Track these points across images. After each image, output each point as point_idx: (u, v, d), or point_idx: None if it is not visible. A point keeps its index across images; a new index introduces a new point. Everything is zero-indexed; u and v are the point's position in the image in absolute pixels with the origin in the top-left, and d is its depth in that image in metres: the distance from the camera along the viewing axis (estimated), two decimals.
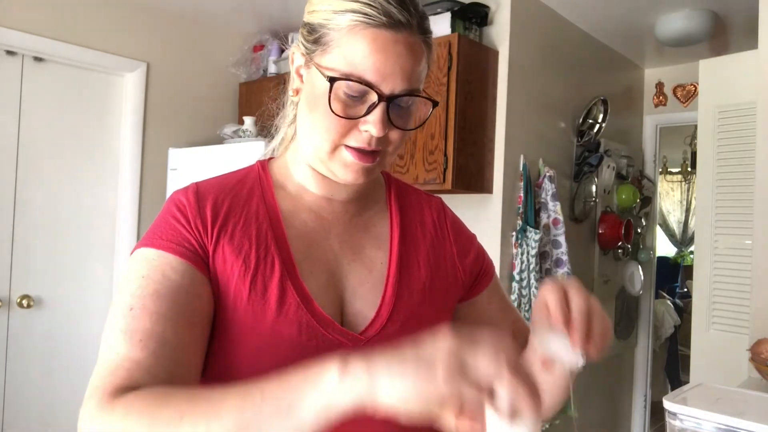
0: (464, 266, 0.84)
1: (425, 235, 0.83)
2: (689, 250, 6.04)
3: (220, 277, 0.69)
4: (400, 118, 0.70)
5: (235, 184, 0.77)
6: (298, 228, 0.76)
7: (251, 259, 0.70)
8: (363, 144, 0.69)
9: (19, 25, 2.46)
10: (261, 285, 0.69)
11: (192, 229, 0.70)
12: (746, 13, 2.74)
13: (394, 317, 0.73)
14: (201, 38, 3.07)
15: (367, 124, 0.67)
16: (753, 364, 1.71)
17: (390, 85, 0.66)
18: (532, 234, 2.51)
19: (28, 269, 2.54)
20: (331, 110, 0.67)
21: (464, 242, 0.86)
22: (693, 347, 2.87)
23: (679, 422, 0.94)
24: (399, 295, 0.75)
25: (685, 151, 5.72)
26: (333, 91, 0.66)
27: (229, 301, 0.68)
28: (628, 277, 3.52)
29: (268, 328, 0.67)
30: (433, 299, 0.78)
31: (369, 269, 0.77)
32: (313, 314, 0.69)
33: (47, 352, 2.52)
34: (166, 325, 0.63)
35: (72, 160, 2.69)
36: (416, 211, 0.85)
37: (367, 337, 0.71)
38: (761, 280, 2.02)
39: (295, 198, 0.78)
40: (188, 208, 0.71)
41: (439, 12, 2.47)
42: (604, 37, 3.23)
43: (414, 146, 2.47)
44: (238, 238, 0.71)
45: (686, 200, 6.17)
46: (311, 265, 0.73)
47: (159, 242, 0.68)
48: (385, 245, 0.79)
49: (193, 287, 0.67)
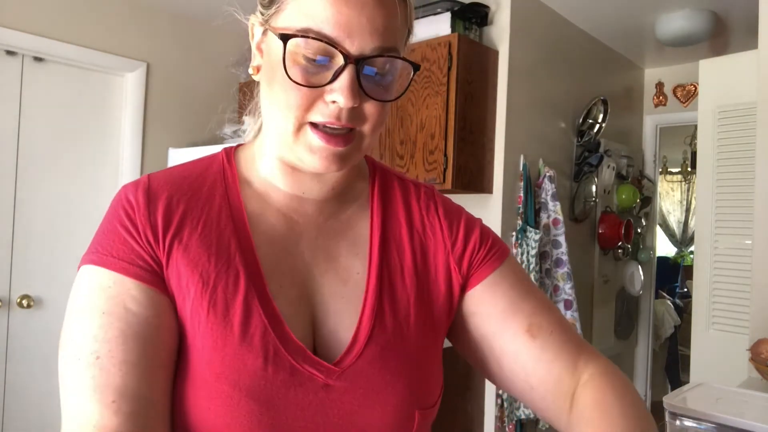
0: (461, 261, 0.69)
1: (412, 235, 0.69)
2: (689, 250, 6.04)
3: (176, 295, 0.59)
4: (375, 87, 0.58)
5: (195, 179, 0.65)
6: (267, 233, 0.64)
7: (210, 273, 0.59)
8: (331, 118, 0.56)
9: (19, 25, 2.46)
10: (222, 304, 0.58)
11: (142, 241, 0.59)
12: (746, 13, 2.74)
13: (374, 341, 0.61)
14: (201, 38, 3.07)
15: (333, 93, 0.55)
16: (753, 364, 1.71)
17: (357, 43, 0.55)
18: (532, 234, 2.51)
19: (28, 269, 2.54)
20: (288, 77, 0.55)
21: (461, 231, 0.70)
22: (693, 347, 2.87)
23: (679, 422, 0.94)
24: (379, 313, 0.62)
25: (685, 151, 5.73)
26: (288, 52, 0.55)
27: (186, 324, 0.58)
28: (628, 277, 3.52)
29: (230, 356, 0.56)
30: (421, 314, 0.65)
31: (344, 281, 0.64)
32: (282, 340, 0.58)
33: (47, 352, 2.53)
34: (140, 378, 0.55)
35: (72, 160, 2.69)
36: (401, 205, 0.71)
37: (342, 367, 0.59)
38: (761, 280, 2.02)
39: (262, 196, 0.66)
40: (137, 213, 0.60)
41: (439, 12, 2.47)
42: (604, 37, 3.23)
43: (414, 146, 2.47)
44: (194, 248, 0.60)
45: (686, 200, 6.18)
46: (281, 278, 0.62)
47: (111, 261, 0.58)
48: (363, 251, 0.66)
49: (159, 318, 0.57)
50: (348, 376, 0.59)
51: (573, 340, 0.67)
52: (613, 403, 0.61)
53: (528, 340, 0.65)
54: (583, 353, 0.66)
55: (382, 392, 0.59)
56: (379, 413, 0.59)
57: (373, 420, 0.59)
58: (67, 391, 0.56)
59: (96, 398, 0.54)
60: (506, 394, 2.45)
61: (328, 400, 0.58)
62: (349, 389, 0.59)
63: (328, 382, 0.58)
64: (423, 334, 0.64)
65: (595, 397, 0.62)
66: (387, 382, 0.60)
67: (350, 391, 0.59)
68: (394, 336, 0.62)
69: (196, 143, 3.02)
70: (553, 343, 0.66)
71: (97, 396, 0.54)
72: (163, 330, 0.58)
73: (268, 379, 0.57)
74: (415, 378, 0.62)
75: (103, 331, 0.56)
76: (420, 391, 0.62)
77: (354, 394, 0.59)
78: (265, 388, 0.56)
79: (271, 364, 0.57)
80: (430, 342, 0.65)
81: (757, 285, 2.03)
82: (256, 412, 0.56)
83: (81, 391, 0.54)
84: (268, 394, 0.56)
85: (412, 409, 0.61)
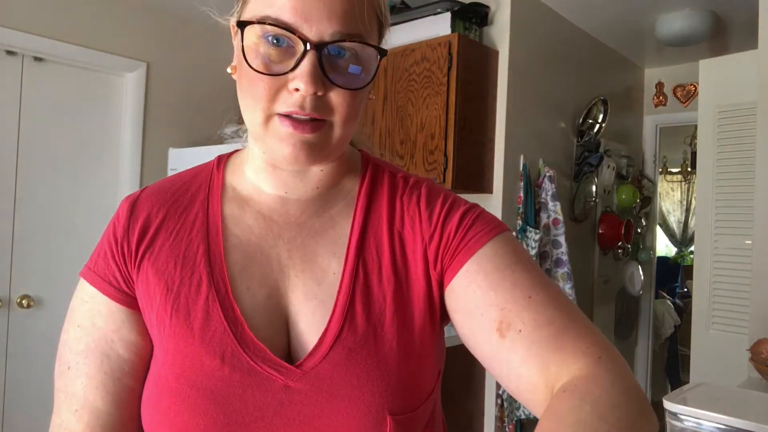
0: (437, 254, 0.63)
1: (392, 232, 0.65)
2: (689, 250, 6.04)
3: (145, 304, 0.62)
4: (340, 75, 0.56)
5: (180, 186, 0.68)
6: (240, 236, 0.64)
7: (175, 279, 0.61)
8: (295, 107, 0.55)
9: (19, 25, 2.46)
10: (184, 308, 0.60)
11: (118, 256, 0.63)
12: (746, 13, 2.74)
13: (340, 343, 0.59)
14: (201, 38, 3.07)
15: (295, 80, 0.55)
16: (753, 364, 1.71)
17: (315, 28, 0.54)
18: (532, 234, 2.51)
19: (28, 269, 2.54)
20: (249, 66, 0.55)
21: (440, 219, 0.64)
22: (693, 347, 2.87)
23: (679, 422, 0.94)
24: (350, 314, 0.60)
25: (685, 151, 5.73)
26: (249, 42, 0.56)
27: (153, 331, 0.62)
28: (628, 277, 3.52)
29: (190, 357, 0.58)
30: (399, 315, 0.61)
31: (318, 281, 0.62)
32: (240, 341, 0.58)
33: (47, 352, 2.52)
34: (96, 392, 0.62)
35: (72, 160, 2.69)
36: (386, 202, 0.67)
37: (304, 369, 0.58)
38: (761, 280, 2.02)
39: (244, 200, 0.66)
40: (119, 227, 0.65)
41: (439, 12, 2.47)
42: (604, 37, 3.24)
43: (414, 146, 2.47)
44: (164, 257, 0.63)
45: (686, 200, 6.18)
46: (249, 280, 0.62)
47: (92, 275, 0.64)
48: (341, 251, 0.64)
49: (119, 333, 0.62)
50: (310, 378, 0.58)
51: (548, 336, 0.55)
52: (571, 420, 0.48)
53: (498, 340, 0.57)
54: (558, 353, 0.54)
55: (346, 396, 0.57)
56: (344, 417, 0.57)
57: (338, 424, 0.57)
58: (54, 389, 0.64)
59: (66, 404, 0.62)
60: (506, 394, 2.45)
61: (288, 402, 0.57)
62: (311, 391, 0.57)
63: (288, 383, 0.58)
64: (400, 336, 0.60)
65: (554, 411, 0.50)
66: (353, 386, 0.58)
67: (312, 394, 0.57)
68: (366, 337, 0.60)
69: (196, 143, 3.02)
70: (521, 344, 0.56)
71: (67, 402, 0.62)
72: (121, 345, 0.62)
73: (224, 379, 0.57)
74: (388, 381, 0.58)
75: (75, 343, 0.63)
76: (394, 396, 0.58)
77: (317, 397, 0.57)
78: (222, 387, 0.57)
79: (227, 365, 0.58)
80: (410, 343, 0.61)
81: (757, 285, 2.03)
82: (213, 412, 0.57)
83: (59, 394, 0.63)
84: (225, 394, 0.57)
85: (383, 413, 0.57)
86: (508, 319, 0.57)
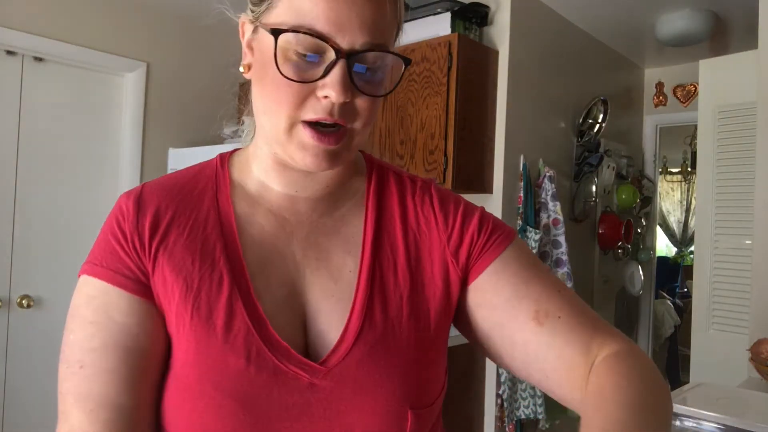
0: (459, 254, 0.67)
1: (406, 232, 0.67)
2: (689, 250, 6.04)
3: (162, 301, 0.61)
4: (367, 84, 0.58)
5: (186, 183, 0.67)
6: (255, 235, 0.64)
7: (194, 276, 0.60)
8: (323, 114, 0.57)
9: (19, 25, 2.46)
10: (205, 307, 0.59)
11: (129, 249, 0.61)
12: (746, 13, 2.74)
13: (362, 340, 0.60)
14: (201, 38, 3.07)
15: (325, 88, 0.56)
16: (753, 364, 1.71)
17: (348, 38, 0.56)
18: (532, 234, 2.52)
19: (28, 269, 2.54)
20: (280, 73, 0.56)
21: (457, 222, 0.68)
22: (693, 347, 2.87)
23: (679, 422, 0.94)
24: (369, 311, 0.62)
25: (685, 151, 5.73)
26: (280, 48, 0.56)
27: (171, 328, 0.60)
28: (628, 277, 3.52)
29: (213, 358, 0.57)
30: (415, 311, 0.64)
31: (335, 279, 0.64)
32: (265, 340, 0.59)
33: (47, 352, 2.52)
34: (119, 387, 0.58)
35: (72, 160, 2.69)
36: (396, 202, 0.69)
37: (329, 366, 0.59)
38: (761, 280, 2.02)
39: (254, 198, 0.66)
40: (126, 222, 0.62)
41: (439, 12, 2.47)
42: (604, 37, 3.24)
43: (414, 146, 2.47)
44: (179, 253, 0.61)
45: (686, 200, 6.18)
46: (267, 279, 0.62)
47: (99, 270, 0.61)
48: (356, 249, 0.65)
49: (142, 326, 0.60)
50: (335, 376, 0.59)
51: (586, 322, 0.63)
52: (616, 390, 0.56)
53: (535, 327, 0.63)
54: (597, 335, 0.62)
55: (371, 391, 0.59)
56: (369, 413, 0.58)
57: (363, 419, 0.58)
58: (60, 395, 0.60)
59: (79, 405, 0.58)
60: (506, 394, 2.45)
61: (314, 399, 0.58)
62: (336, 389, 0.58)
63: (313, 381, 0.58)
64: (417, 332, 0.63)
65: (599, 384, 0.58)
66: (376, 381, 0.59)
67: (337, 391, 0.58)
68: (385, 334, 0.61)
69: (196, 143, 3.02)
70: (562, 328, 0.62)
71: (79, 404, 0.58)
72: (145, 338, 0.60)
73: (250, 379, 0.57)
74: (408, 376, 0.60)
75: (87, 341, 0.59)
76: (413, 390, 0.60)
77: (341, 394, 0.58)
78: (247, 388, 0.57)
79: (253, 365, 0.57)
80: (426, 340, 0.63)
81: (757, 285, 2.03)
82: (239, 413, 0.56)
83: (67, 398, 0.59)
84: (250, 394, 0.57)
85: (404, 408, 0.59)
86: (545, 308, 0.63)
